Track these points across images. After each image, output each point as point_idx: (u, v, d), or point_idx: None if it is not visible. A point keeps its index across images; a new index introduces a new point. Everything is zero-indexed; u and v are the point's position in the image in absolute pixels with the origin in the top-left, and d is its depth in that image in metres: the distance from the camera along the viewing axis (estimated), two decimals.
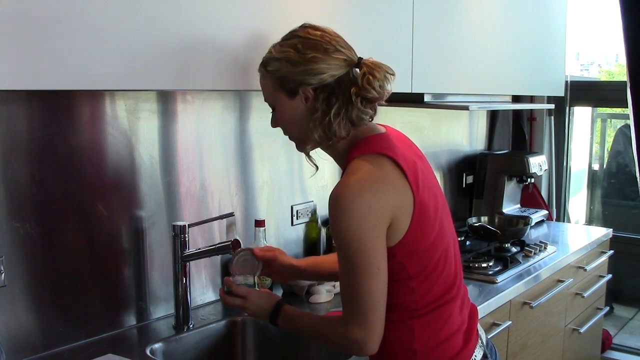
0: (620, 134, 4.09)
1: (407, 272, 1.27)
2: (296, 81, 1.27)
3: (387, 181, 1.24)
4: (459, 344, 1.33)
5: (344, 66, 1.27)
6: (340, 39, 1.30)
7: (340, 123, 1.27)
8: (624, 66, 2.76)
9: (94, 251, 1.63)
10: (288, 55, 1.27)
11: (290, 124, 1.35)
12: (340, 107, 1.26)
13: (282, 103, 1.31)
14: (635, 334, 3.67)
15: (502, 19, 2.53)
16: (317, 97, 1.27)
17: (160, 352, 1.62)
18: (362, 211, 1.20)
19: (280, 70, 1.28)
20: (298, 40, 1.28)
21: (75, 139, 1.57)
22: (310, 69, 1.25)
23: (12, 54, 1.07)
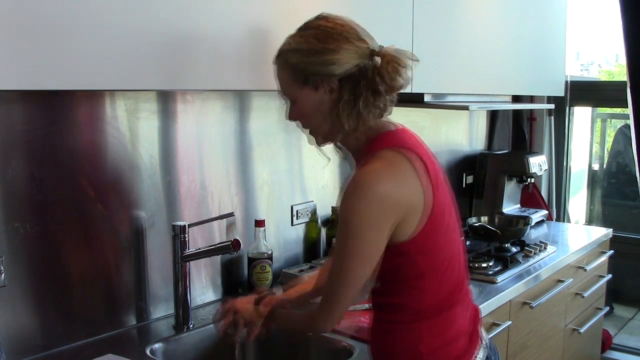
0: (620, 134, 4.09)
1: (419, 269, 1.26)
2: (319, 72, 1.22)
3: (408, 176, 1.22)
4: (463, 345, 1.33)
5: (367, 55, 1.23)
6: (360, 27, 1.26)
7: (369, 112, 1.24)
8: (624, 66, 2.76)
9: (94, 251, 1.63)
10: (309, 45, 1.22)
11: (312, 117, 1.29)
12: (368, 96, 1.22)
13: (304, 96, 1.26)
14: (635, 334, 3.67)
15: (502, 19, 2.53)
16: (343, 88, 1.22)
17: (160, 352, 1.62)
18: (374, 200, 1.18)
19: (301, 61, 1.23)
20: (318, 30, 1.23)
21: (75, 139, 1.57)
22: (333, 58, 1.20)
23: (12, 54, 1.07)
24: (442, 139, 2.97)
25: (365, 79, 1.22)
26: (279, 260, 2.13)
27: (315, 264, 2.11)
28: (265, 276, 1.96)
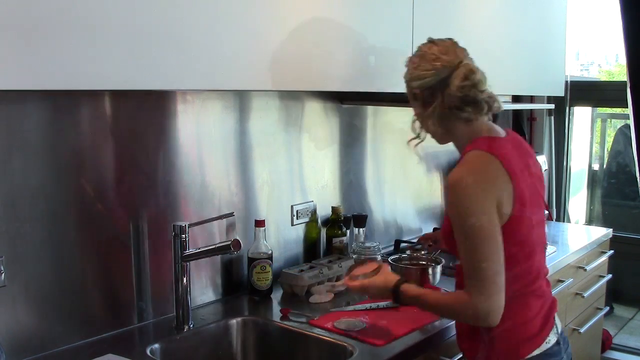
0: (620, 134, 4.09)
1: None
2: (409, 85, 1.55)
3: (491, 174, 1.44)
4: (535, 328, 1.50)
5: (446, 71, 1.48)
6: (446, 47, 1.52)
7: (434, 120, 1.51)
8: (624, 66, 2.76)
9: (94, 251, 1.63)
10: (407, 65, 1.57)
11: (420, 123, 1.59)
12: (436, 105, 1.50)
13: (412, 103, 1.59)
14: (635, 334, 3.67)
15: (502, 19, 2.53)
16: (425, 97, 1.52)
17: (160, 352, 1.62)
18: (477, 191, 1.40)
19: (407, 81, 1.56)
20: (415, 53, 1.57)
21: (75, 138, 1.57)
22: (415, 75, 1.52)
23: (12, 54, 1.07)
24: None
25: (439, 89, 1.50)
26: (279, 260, 2.13)
27: (315, 264, 2.11)
28: (265, 276, 1.96)
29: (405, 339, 1.67)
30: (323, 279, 2.04)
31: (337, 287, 2.02)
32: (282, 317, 1.81)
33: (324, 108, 2.30)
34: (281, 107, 2.13)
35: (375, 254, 2.23)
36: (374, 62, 1.87)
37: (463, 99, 1.48)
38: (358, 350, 1.59)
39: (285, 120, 2.15)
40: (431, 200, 2.93)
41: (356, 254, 2.23)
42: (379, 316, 1.81)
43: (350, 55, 1.80)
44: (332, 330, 1.70)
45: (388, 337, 1.66)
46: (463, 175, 1.43)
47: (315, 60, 1.68)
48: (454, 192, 1.42)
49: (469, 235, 1.40)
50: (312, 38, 1.67)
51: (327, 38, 1.72)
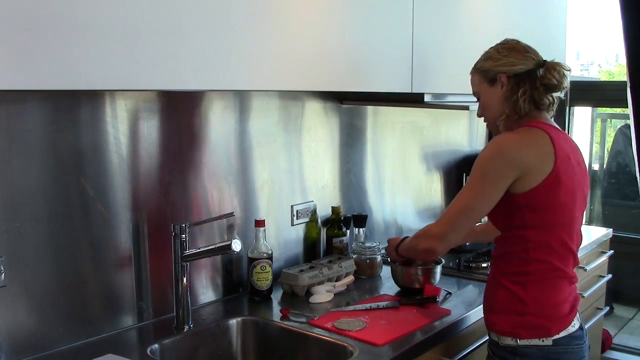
0: (620, 134, 4.09)
1: (524, 221, 1.56)
2: (495, 71, 1.66)
3: (533, 145, 1.58)
4: (565, 310, 1.59)
5: (532, 63, 1.64)
6: (530, 47, 1.69)
7: (525, 100, 1.63)
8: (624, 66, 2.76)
9: (94, 251, 1.63)
10: (490, 55, 1.69)
11: (488, 106, 1.71)
12: (526, 90, 1.63)
13: (485, 91, 1.70)
14: (635, 334, 3.67)
15: (502, 19, 2.53)
16: (510, 82, 1.64)
17: (160, 352, 1.62)
18: (497, 156, 1.57)
19: (484, 66, 1.69)
20: (499, 46, 1.70)
21: (75, 138, 1.57)
22: (506, 62, 1.65)
23: (12, 54, 1.07)
24: (442, 139, 2.97)
25: (529, 78, 1.64)
26: (279, 260, 2.13)
27: (315, 264, 2.11)
28: (265, 276, 1.96)
29: (405, 339, 1.67)
30: (323, 279, 2.03)
31: (337, 287, 2.02)
32: (282, 317, 1.81)
33: (324, 108, 2.30)
34: (281, 107, 2.13)
35: (375, 254, 2.23)
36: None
37: (548, 88, 1.63)
38: (358, 350, 1.59)
39: (285, 120, 2.15)
40: (431, 200, 2.93)
41: (356, 254, 2.23)
42: (379, 316, 1.81)
43: (350, 55, 1.80)
44: (332, 330, 1.70)
45: (388, 337, 1.66)
46: (507, 136, 1.61)
47: (315, 60, 1.68)
48: (490, 146, 1.59)
49: (475, 179, 1.58)
50: (312, 38, 1.67)
51: (327, 38, 1.72)
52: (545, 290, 1.58)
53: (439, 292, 1.95)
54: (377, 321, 1.77)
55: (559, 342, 1.56)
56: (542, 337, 1.56)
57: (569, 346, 1.58)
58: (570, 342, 1.58)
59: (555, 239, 1.58)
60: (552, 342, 1.56)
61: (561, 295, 1.59)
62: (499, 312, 1.62)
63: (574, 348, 1.59)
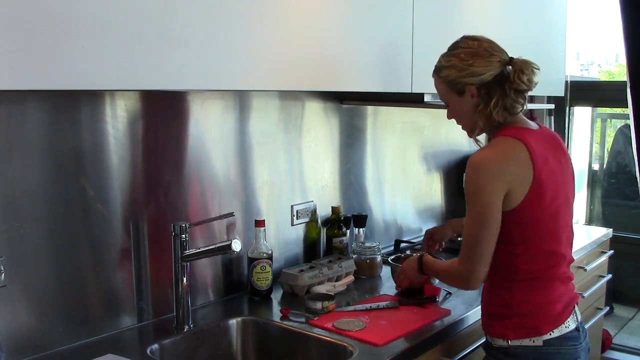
0: (620, 134, 4.09)
1: (511, 236, 1.54)
2: (462, 83, 1.59)
3: (513, 158, 1.53)
4: (556, 310, 1.58)
5: (499, 66, 1.57)
6: (494, 44, 1.61)
7: (498, 112, 1.58)
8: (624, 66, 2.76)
9: (94, 251, 1.63)
10: (454, 63, 1.60)
11: (461, 117, 1.67)
12: (498, 99, 1.57)
13: (454, 101, 1.64)
14: (635, 334, 3.67)
15: (502, 19, 2.52)
16: (480, 93, 1.58)
17: (160, 352, 1.62)
18: (490, 174, 1.52)
19: (449, 75, 1.61)
20: (460, 50, 1.60)
21: (75, 138, 1.57)
22: (472, 71, 1.57)
23: (12, 54, 1.07)
24: (442, 139, 2.97)
25: (497, 84, 1.57)
26: (279, 260, 2.13)
27: (315, 264, 2.11)
28: (265, 276, 1.96)
29: (405, 339, 1.67)
30: (323, 279, 2.03)
31: (337, 287, 2.02)
32: (282, 317, 1.81)
33: (324, 108, 2.30)
34: (281, 107, 2.13)
35: (375, 254, 2.23)
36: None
37: (519, 92, 1.57)
38: (358, 350, 1.59)
39: (285, 120, 2.15)
40: (431, 200, 2.92)
41: (356, 254, 2.23)
42: (379, 316, 1.81)
43: (350, 55, 1.80)
44: (332, 330, 1.70)
45: (388, 337, 1.66)
46: (485, 153, 1.56)
47: (315, 60, 1.68)
48: (472, 167, 1.54)
49: (470, 212, 1.54)
50: (312, 38, 1.66)
51: (327, 38, 1.72)
52: (533, 291, 1.57)
53: (439, 292, 1.95)
54: (377, 321, 1.77)
55: (551, 342, 1.56)
56: (533, 337, 1.55)
57: (561, 347, 1.57)
58: (563, 342, 1.57)
59: (544, 249, 1.57)
60: (543, 342, 1.55)
61: (551, 295, 1.58)
62: (490, 315, 1.64)
63: (568, 349, 1.58)
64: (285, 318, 1.80)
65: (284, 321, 1.78)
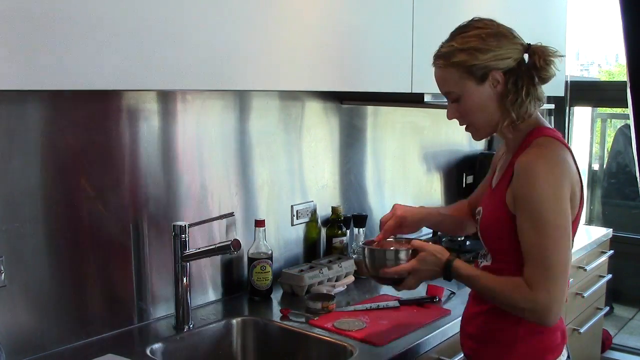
0: (620, 134, 4.09)
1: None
2: (487, 67, 1.36)
3: (570, 164, 1.35)
4: (557, 339, 1.44)
5: (522, 51, 1.39)
6: (510, 28, 1.42)
7: (531, 102, 1.38)
8: (624, 66, 2.76)
9: (94, 251, 1.63)
10: (475, 44, 1.37)
11: (477, 111, 1.41)
12: (528, 87, 1.37)
13: (471, 89, 1.39)
14: (635, 334, 3.67)
15: (502, 19, 2.52)
16: (507, 81, 1.37)
17: (160, 352, 1.62)
18: (557, 177, 1.31)
19: (468, 60, 1.36)
20: (479, 30, 1.39)
21: (75, 138, 1.57)
22: (498, 54, 1.36)
23: (11, 54, 1.07)
24: (442, 139, 2.97)
25: (522, 71, 1.38)
26: (279, 260, 2.13)
27: (315, 264, 2.11)
28: (265, 276, 1.96)
29: (405, 339, 1.67)
30: (323, 279, 2.03)
31: (337, 287, 2.02)
32: (282, 317, 1.81)
33: (324, 108, 2.30)
34: (281, 107, 2.13)
35: None
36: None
37: (543, 81, 1.39)
38: (358, 350, 1.59)
39: (285, 120, 2.15)
40: (431, 200, 2.92)
41: (356, 254, 2.23)
42: (379, 316, 1.81)
43: (350, 55, 1.80)
44: (332, 330, 1.70)
45: (388, 337, 1.66)
46: (544, 160, 1.32)
47: (315, 60, 1.68)
48: (532, 177, 1.30)
49: (543, 224, 1.29)
50: (312, 38, 1.66)
51: (327, 38, 1.72)
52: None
53: (441, 292, 1.95)
54: (377, 321, 1.77)
55: None
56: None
57: None
58: None
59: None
60: None
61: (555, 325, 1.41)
62: (478, 340, 1.50)
63: None
64: (285, 318, 1.80)
65: (284, 321, 1.78)
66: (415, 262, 1.48)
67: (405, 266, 1.49)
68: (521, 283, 1.32)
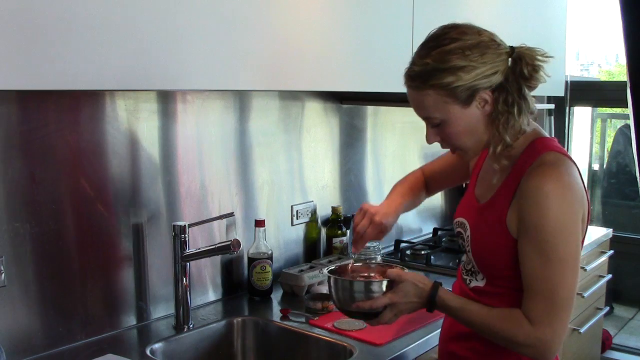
0: (620, 134, 4.09)
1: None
2: (472, 87, 1.18)
3: (579, 185, 1.22)
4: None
5: (507, 59, 1.21)
6: (491, 32, 1.23)
7: (524, 119, 1.22)
8: (624, 66, 2.76)
9: (94, 251, 1.63)
10: (456, 62, 1.17)
11: (464, 134, 1.24)
12: (519, 103, 1.20)
13: (456, 114, 1.21)
14: (635, 334, 3.66)
15: (502, 19, 2.52)
16: (497, 99, 1.20)
17: (160, 352, 1.62)
18: (571, 203, 1.18)
19: (450, 81, 1.18)
20: (459, 43, 1.18)
21: (76, 139, 1.57)
22: (484, 71, 1.18)
23: (11, 54, 1.07)
24: None
25: (509, 83, 1.21)
26: (279, 260, 2.13)
27: (315, 264, 2.11)
28: (265, 276, 1.96)
29: (405, 339, 1.67)
30: (323, 279, 2.03)
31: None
32: (282, 317, 1.81)
33: (324, 108, 2.30)
34: (281, 107, 2.13)
35: (375, 254, 2.23)
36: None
37: (532, 89, 1.23)
38: (358, 350, 1.59)
39: (285, 120, 2.14)
40: (431, 200, 2.92)
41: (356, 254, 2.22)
42: None
43: (350, 55, 1.80)
44: (332, 330, 1.70)
45: (388, 337, 1.66)
46: (557, 185, 1.18)
47: (315, 60, 1.68)
48: (544, 204, 1.17)
49: (552, 256, 1.17)
50: (312, 38, 1.67)
51: (327, 38, 1.72)
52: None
53: None
54: None
55: None
56: None
57: None
58: None
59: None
60: None
61: None
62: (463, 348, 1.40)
63: None
64: (285, 318, 1.80)
65: (284, 321, 1.78)
66: (394, 294, 1.29)
67: (382, 300, 1.29)
68: (521, 317, 1.20)
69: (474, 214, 1.35)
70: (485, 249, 1.30)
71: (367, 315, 1.33)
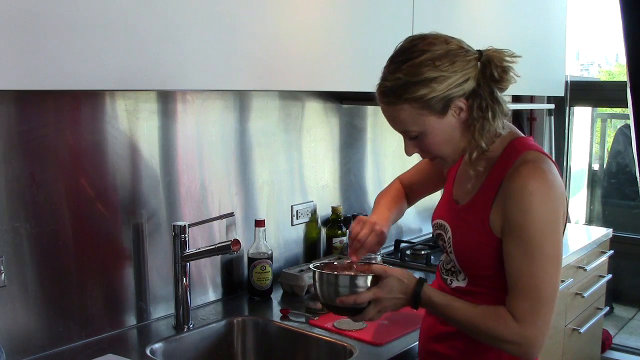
0: (620, 134, 4.09)
1: None
2: (446, 97, 1.19)
3: (561, 184, 1.24)
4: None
5: (476, 64, 1.22)
6: (455, 38, 1.25)
7: (498, 122, 1.23)
8: (624, 66, 2.76)
9: (94, 251, 1.63)
10: (428, 74, 1.18)
11: (443, 144, 1.26)
12: (493, 107, 1.21)
13: (433, 125, 1.22)
14: (635, 334, 3.67)
15: (502, 19, 2.53)
16: (472, 106, 1.21)
17: (160, 352, 1.62)
18: (553, 201, 1.20)
19: (424, 93, 1.18)
20: (428, 54, 1.19)
21: (76, 139, 1.57)
22: (456, 80, 1.19)
23: (11, 54, 1.07)
24: None
25: (481, 88, 1.21)
26: (279, 260, 2.13)
27: None
28: (265, 276, 1.96)
29: (405, 339, 1.67)
30: None
31: None
32: (282, 317, 1.81)
33: (324, 108, 2.30)
34: (281, 107, 2.13)
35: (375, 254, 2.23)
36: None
37: (503, 90, 1.24)
38: (358, 350, 1.59)
39: (285, 120, 2.15)
40: (431, 200, 2.92)
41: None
42: None
43: (350, 55, 1.80)
44: (332, 330, 1.70)
45: (388, 337, 1.66)
46: (540, 184, 1.19)
47: (315, 60, 1.68)
48: (528, 202, 1.18)
49: (537, 254, 1.19)
50: (312, 38, 1.67)
51: (327, 38, 1.72)
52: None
53: None
54: (377, 321, 1.77)
55: None
56: None
57: None
58: None
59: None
60: None
61: None
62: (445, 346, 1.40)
63: None
64: (285, 318, 1.80)
65: (284, 321, 1.78)
66: (378, 289, 1.28)
67: (366, 294, 1.28)
68: (506, 315, 1.21)
69: (454, 215, 1.36)
70: (468, 250, 1.31)
71: (351, 310, 1.33)
